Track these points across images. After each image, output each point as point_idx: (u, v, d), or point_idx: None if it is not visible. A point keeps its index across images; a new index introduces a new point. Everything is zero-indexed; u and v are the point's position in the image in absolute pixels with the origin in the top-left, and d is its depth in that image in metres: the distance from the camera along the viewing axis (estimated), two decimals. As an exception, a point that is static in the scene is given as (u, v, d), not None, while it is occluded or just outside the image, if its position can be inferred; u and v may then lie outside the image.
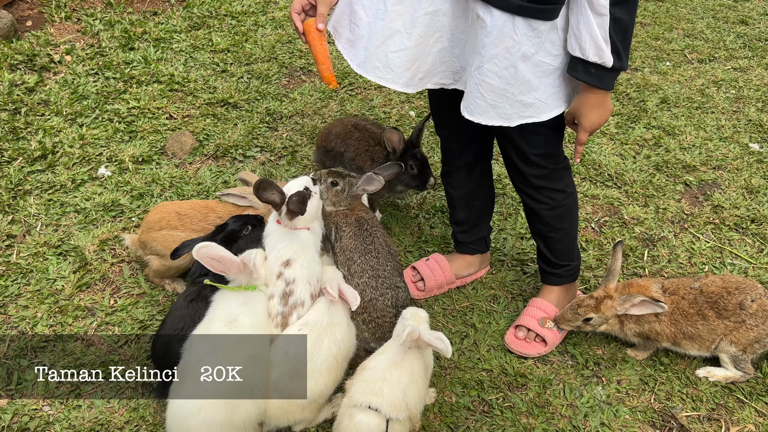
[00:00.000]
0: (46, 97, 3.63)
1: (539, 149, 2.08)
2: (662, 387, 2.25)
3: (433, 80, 1.98)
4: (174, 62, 4.09)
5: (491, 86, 1.85)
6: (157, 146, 3.34)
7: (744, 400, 2.21)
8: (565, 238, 2.35)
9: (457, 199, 2.52)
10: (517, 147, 2.10)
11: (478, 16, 1.77)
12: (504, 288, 2.64)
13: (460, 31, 1.87)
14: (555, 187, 2.20)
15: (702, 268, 2.75)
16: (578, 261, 2.43)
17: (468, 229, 2.57)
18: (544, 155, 2.11)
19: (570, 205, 2.29)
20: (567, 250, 2.37)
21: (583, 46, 1.75)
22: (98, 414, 2.07)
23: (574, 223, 2.36)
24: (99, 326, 2.37)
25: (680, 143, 3.57)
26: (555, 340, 2.37)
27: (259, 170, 3.21)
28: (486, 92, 1.86)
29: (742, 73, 4.33)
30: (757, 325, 2.17)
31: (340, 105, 3.80)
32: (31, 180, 3.04)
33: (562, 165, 2.19)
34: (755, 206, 3.11)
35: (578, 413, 2.15)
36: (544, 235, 2.34)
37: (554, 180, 2.18)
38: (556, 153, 2.14)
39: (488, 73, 1.83)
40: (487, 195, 2.57)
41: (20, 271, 2.58)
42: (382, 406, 1.79)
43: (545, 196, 2.21)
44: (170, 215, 2.45)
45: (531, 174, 2.16)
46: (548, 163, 2.13)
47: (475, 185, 2.49)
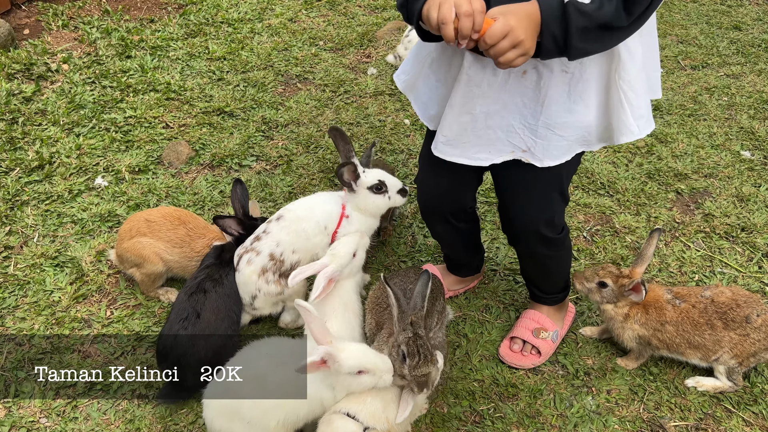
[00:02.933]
0: (43, 106, 3.66)
1: (542, 215, 2.05)
2: (651, 397, 2.29)
3: (467, 155, 1.90)
4: (170, 70, 4.12)
5: (566, 123, 1.78)
6: (153, 156, 3.37)
7: (732, 409, 2.25)
8: (556, 277, 2.37)
9: (444, 244, 2.55)
10: (520, 214, 2.08)
11: (524, 72, 1.71)
12: (496, 298, 2.67)
13: (494, 102, 1.79)
14: (549, 255, 2.20)
15: (692, 277, 2.78)
16: (568, 288, 2.44)
17: (456, 264, 2.61)
18: (546, 222, 2.07)
19: (564, 256, 2.28)
20: (558, 284, 2.40)
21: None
22: (94, 426, 2.10)
23: (567, 267, 2.35)
24: (95, 337, 2.40)
25: (672, 151, 3.60)
26: (549, 351, 2.40)
27: (254, 179, 3.24)
28: (564, 132, 1.80)
29: (734, 80, 4.36)
30: (760, 340, 2.19)
31: (335, 113, 3.83)
32: (29, 190, 3.07)
33: (563, 233, 2.17)
34: (746, 214, 3.14)
35: (568, 423, 2.19)
36: (531, 278, 2.40)
37: (553, 248, 2.17)
38: (558, 221, 2.11)
39: (556, 112, 1.76)
40: (475, 240, 2.53)
41: (17, 282, 2.60)
42: (360, 415, 1.82)
43: (541, 254, 2.21)
44: (139, 223, 2.51)
45: (529, 240, 2.14)
46: (548, 232, 2.09)
47: (460, 238, 2.45)
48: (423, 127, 3.75)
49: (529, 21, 1.50)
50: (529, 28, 1.50)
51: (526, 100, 1.77)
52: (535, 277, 2.40)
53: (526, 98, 1.77)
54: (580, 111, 1.77)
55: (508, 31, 1.47)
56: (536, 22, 1.51)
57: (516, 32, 1.47)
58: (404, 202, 2.54)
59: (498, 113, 1.80)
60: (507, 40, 1.48)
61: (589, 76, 1.72)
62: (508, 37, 1.48)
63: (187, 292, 2.25)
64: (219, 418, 1.89)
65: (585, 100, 1.76)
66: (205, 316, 2.18)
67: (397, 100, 3.98)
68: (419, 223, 3.06)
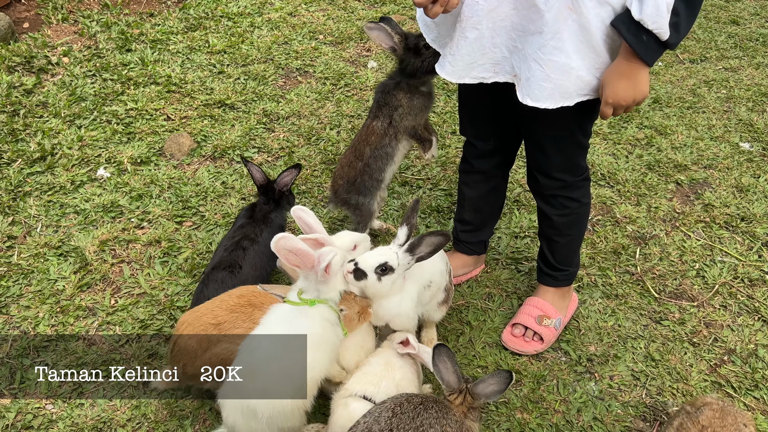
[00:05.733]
0: (44, 98, 3.65)
1: (562, 164, 2.12)
2: (653, 382, 2.31)
3: (472, 74, 1.93)
4: (171, 64, 4.12)
5: (556, 63, 1.75)
6: (155, 147, 3.37)
7: (733, 394, 2.27)
8: (569, 245, 2.38)
9: (468, 200, 2.53)
10: (541, 161, 2.14)
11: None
12: (499, 286, 2.69)
13: (500, 18, 1.80)
14: (570, 196, 2.23)
15: (693, 266, 2.80)
16: (576, 267, 2.46)
17: (471, 230, 2.61)
18: (564, 169, 2.14)
19: (581, 214, 2.31)
20: (569, 256, 2.41)
21: (642, 7, 1.59)
22: (100, 412, 2.11)
23: (582, 231, 2.39)
24: (100, 326, 2.41)
25: (672, 143, 3.62)
26: (551, 338, 2.42)
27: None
28: (552, 71, 1.77)
29: (733, 73, 4.39)
30: None
31: (336, 106, 3.84)
32: (31, 181, 3.07)
33: (582, 176, 2.21)
34: (745, 204, 3.16)
35: (571, 408, 2.20)
36: (550, 237, 2.38)
37: (571, 190, 2.21)
38: (577, 165, 2.16)
39: (553, 50, 1.74)
40: (498, 201, 2.60)
41: (21, 272, 2.61)
42: (377, 397, 1.83)
43: (559, 203, 2.25)
44: (206, 328, 2.00)
45: (549, 185, 2.20)
46: (567, 176, 2.16)
47: (490, 191, 2.51)
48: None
49: (624, 77, 1.75)
50: (626, 79, 1.75)
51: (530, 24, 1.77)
52: (549, 239, 2.37)
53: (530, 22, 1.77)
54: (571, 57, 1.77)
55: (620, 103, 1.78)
56: (628, 68, 1.72)
57: (619, 98, 1.77)
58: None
59: (504, 30, 1.82)
60: (621, 108, 1.80)
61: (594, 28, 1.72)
62: (620, 106, 1.79)
63: (226, 249, 2.39)
64: (233, 414, 1.85)
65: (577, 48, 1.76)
66: (246, 270, 2.35)
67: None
68: (421, 214, 3.07)
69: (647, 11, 1.58)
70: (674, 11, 1.59)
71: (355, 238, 2.25)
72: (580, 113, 1.93)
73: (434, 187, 3.25)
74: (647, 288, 2.68)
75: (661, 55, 1.71)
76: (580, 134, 2.06)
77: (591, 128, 2.11)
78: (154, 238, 2.79)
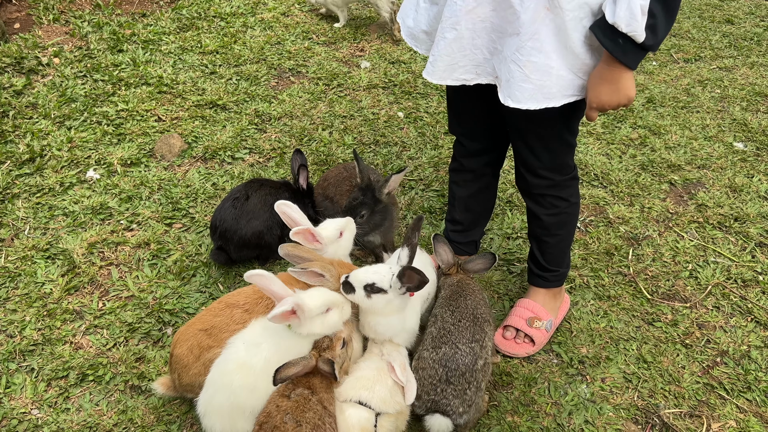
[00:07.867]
0: (34, 99, 3.63)
1: (549, 163, 2.10)
2: (645, 384, 2.29)
3: (454, 76, 1.92)
4: (163, 64, 4.09)
5: (535, 64, 1.74)
6: (145, 149, 3.35)
7: (725, 396, 2.25)
8: (559, 245, 2.36)
9: (459, 199, 2.52)
10: (528, 160, 2.12)
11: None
12: (490, 287, 2.67)
13: (480, 20, 1.80)
14: (559, 195, 2.22)
15: (686, 267, 2.79)
16: (567, 268, 2.45)
17: (462, 230, 2.59)
18: (552, 168, 2.12)
19: (571, 214, 2.30)
20: (559, 256, 2.39)
21: (616, 10, 1.58)
22: (87, 417, 2.09)
23: (571, 231, 2.37)
24: (87, 329, 2.38)
25: (666, 143, 3.61)
26: (543, 340, 2.40)
27: (248, 172, 3.22)
28: (531, 72, 1.75)
29: (727, 73, 4.38)
30: None
31: (328, 106, 3.82)
32: (19, 183, 3.05)
33: (570, 175, 2.19)
34: (738, 205, 3.14)
35: (563, 411, 2.18)
36: (540, 238, 2.36)
37: (559, 189, 2.20)
38: (565, 164, 2.15)
39: (531, 51, 1.73)
40: (489, 200, 2.59)
41: (8, 274, 2.58)
42: (372, 401, 1.84)
43: (548, 202, 2.23)
44: (197, 337, 1.99)
45: (537, 183, 2.18)
46: (555, 175, 2.15)
47: (480, 190, 2.50)
48: (417, 120, 3.75)
49: (605, 82, 1.75)
50: (608, 83, 1.75)
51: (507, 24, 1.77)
52: (539, 239, 2.36)
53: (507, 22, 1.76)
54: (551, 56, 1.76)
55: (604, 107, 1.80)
56: (610, 72, 1.72)
57: (603, 102, 1.78)
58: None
59: (485, 32, 1.82)
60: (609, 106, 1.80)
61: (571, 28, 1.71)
62: (605, 110, 1.81)
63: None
64: (219, 421, 1.85)
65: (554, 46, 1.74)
66: (253, 201, 2.59)
67: (391, 93, 3.97)
68: (413, 215, 3.05)
69: (620, 14, 1.57)
70: (651, 13, 1.57)
71: (340, 224, 2.28)
72: (567, 112, 1.92)
73: (426, 188, 3.23)
74: (640, 289, 2.67)
75: (642, 57, 1.70)
76: (566, 133, 2.05)
77: (578, 127, 2.09)
78: (143, 241, 2.76)
